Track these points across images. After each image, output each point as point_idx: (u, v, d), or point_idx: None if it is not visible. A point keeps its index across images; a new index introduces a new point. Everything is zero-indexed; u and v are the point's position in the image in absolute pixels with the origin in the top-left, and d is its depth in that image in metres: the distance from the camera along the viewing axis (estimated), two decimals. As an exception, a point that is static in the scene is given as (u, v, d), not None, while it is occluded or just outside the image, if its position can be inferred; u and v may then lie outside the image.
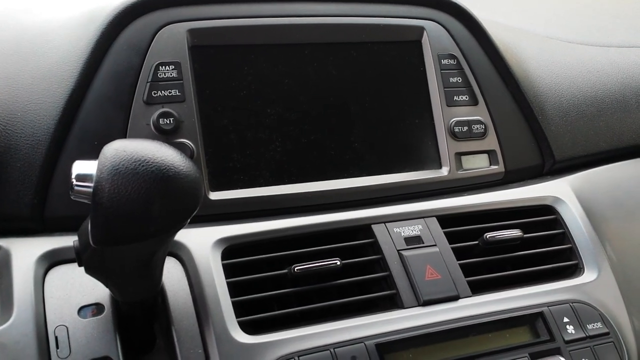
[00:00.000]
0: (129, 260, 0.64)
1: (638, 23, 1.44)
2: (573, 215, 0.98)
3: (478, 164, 1.01)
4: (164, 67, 0.85)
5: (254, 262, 0.81)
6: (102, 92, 0.83)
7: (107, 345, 0.71)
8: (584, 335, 0.85)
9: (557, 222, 0.98)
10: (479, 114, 1.01)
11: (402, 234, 0.88)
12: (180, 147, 0.83)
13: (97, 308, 0.73)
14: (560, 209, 0.99)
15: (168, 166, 0.58)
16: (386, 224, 0.88)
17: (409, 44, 0.99)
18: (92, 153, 0.62)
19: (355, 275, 0.84)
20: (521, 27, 1.30)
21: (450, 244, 0.89)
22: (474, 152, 1.01)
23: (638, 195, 1.07)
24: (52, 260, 0.76)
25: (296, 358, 0.74)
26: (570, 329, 0.85)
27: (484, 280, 0.88)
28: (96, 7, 0.88)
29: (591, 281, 0.92)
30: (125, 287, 0.69)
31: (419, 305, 0.82)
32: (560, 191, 1.01)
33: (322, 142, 0.93)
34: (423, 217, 0.91)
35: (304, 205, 0.90)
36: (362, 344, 0.77)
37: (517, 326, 0.85)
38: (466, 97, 1.01)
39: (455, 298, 0.84)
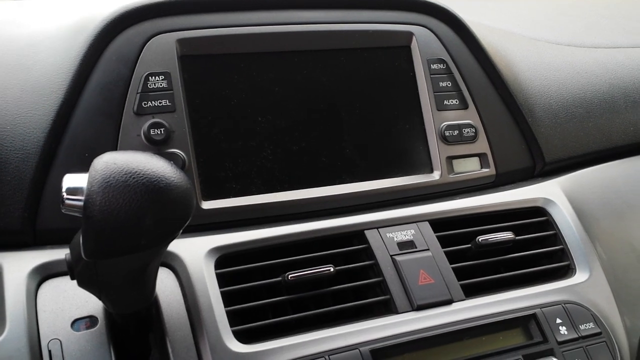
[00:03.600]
0: (122, 272, 0.64)
1: (624, 23, 1.45)
2: (564, 217, 0.98)
3: (469, 168, 1.01)
4: (153, 77, 0.85)
5: (247, 270, 0.81)
6: (92, 103, 0.82)
7: (101, 357, 0.70)
8: (576, 335, 0.86)
9: (549, 223, 0.99)
10: (469, 117, 1.02)
11: (395, 239, 0.88)
12: (172, 157, 0.83)
13: (91, 321, 0.73)
14: (552, 210, 0.99)
15: (159, 178, 0.58)
16: (379, 229, 0.89)
17: (398, 50, 1.00)
18: (83, 165, 0.62)
19: (349, 282, 0.84)
20: (508, 29, 1.30)
21: (443, 247, 0.89)
22: (465, 155, 1.01)
23: (627, 195, 1.08)
24: (44, 273, 0.75)
25: (291, 366, 0.74)
26: (563, 329, 0.86)
27: (477, 283, 0.88)
28: (84, 17, 0.88)
29: (583, 282, 0.92)
30: (118, 299, 0.69)
31: (413, 310, 0.83)
32: (551, 193, 1.01)
33: (314, 149, 0.93)
34: (415, 222, 0.91)
35: (297, 212, 0.90)
36: (357, 350, 0.77)
37: (511, 328, 0.85)
38: (456, 101, 1.01)
39: (448, 302, 0.85)
